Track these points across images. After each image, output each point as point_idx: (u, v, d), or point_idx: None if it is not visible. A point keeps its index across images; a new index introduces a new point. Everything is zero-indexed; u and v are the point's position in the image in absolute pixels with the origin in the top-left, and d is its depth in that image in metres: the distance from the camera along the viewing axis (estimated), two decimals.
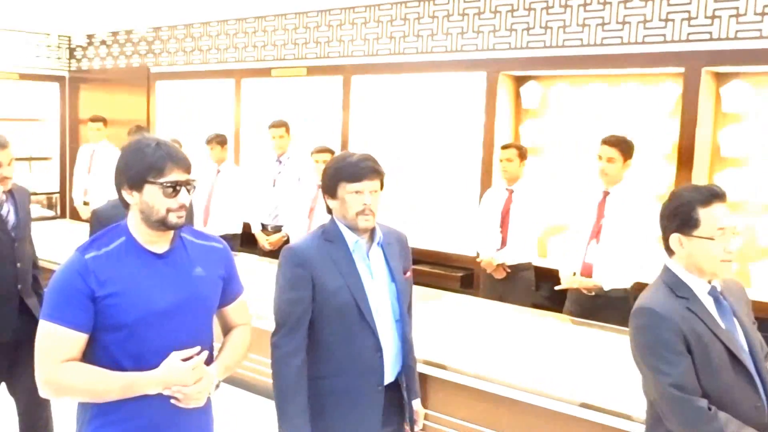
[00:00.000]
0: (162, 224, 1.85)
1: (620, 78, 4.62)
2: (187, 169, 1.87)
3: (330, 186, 2.20)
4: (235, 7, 6.06)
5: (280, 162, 5.48)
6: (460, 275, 4.95)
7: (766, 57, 3.93)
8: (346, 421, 2.19)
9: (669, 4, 4.26)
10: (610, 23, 4.47)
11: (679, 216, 1.93)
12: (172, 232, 1.91)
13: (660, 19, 4.30)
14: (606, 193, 3.81)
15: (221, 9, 6.20)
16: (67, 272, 1.82)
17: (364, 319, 2.15)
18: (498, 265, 4.37)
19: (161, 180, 1.82)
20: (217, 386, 1.98)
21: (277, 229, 5.44)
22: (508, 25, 4.92)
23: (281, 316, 2.18)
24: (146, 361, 1.82)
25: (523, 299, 4.22)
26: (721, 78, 4.26)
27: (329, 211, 2.26)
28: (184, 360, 1.85)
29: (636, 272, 3.68)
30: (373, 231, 2.24)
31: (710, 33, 4.12)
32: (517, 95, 5.04)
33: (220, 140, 5.63)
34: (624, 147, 3.75)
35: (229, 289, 2.06)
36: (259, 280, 3.57)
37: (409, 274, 2.32)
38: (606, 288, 3.71)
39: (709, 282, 1.95)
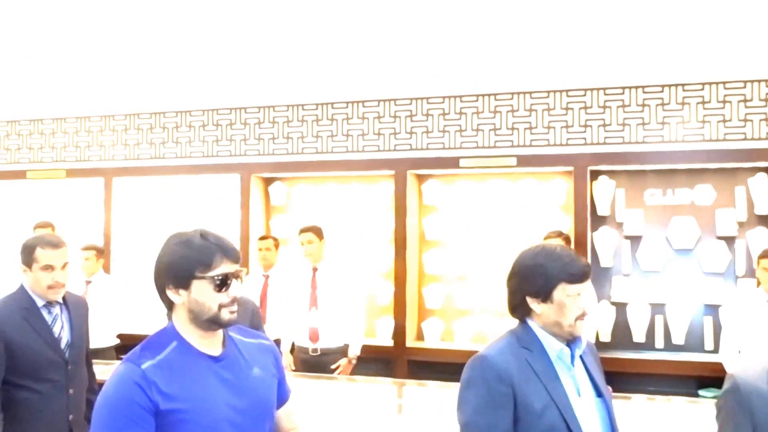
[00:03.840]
0: (214, 322, 1.66)
1: (348, 178, 5.71)
2: (237, 259, 1.69)
3: (543, 287, 1.82)
4: None
5: None
6: None
7: (450, 163, 5.28)
8: None
9: (380, 122, 5.48)
10: (338, 135, 5.57)
11: None
12: (222, 331, 1.72)
13: (374, 133, 5.49)
14: (315, 269, 4.76)
15: None
16: (123, 386, 1.56)
17: None
18: None
19: (210, 274, 1.64)
20: None
21: None
22: (257, 134, 5.80)
23: None
24: None
25: None
26: (421, 178, 5.54)
27: (522, 314, 1.88)
28: None
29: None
30: (574, 338, 1.86)
31: (410, 145, 5.39)
32: (267, 194, 5.89)
33: None
34: (316, 230, 4.78)
35: (281, 389, 1.83)
36: None
37: (609, 389, 1.97)
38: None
39: None
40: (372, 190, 5.64)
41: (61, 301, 2.69)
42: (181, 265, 1.64)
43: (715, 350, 4.54)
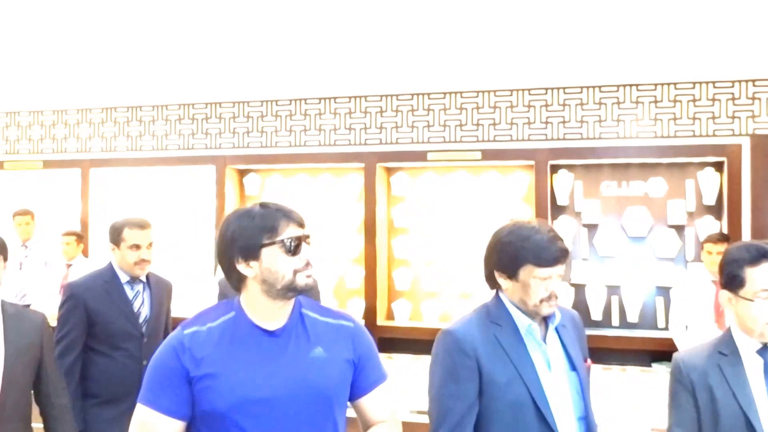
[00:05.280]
0: (290, 289, 1.59)
1: (318, 170, 5.91)
2: (301, 223, 1.63)
3: (508, 266, 1.81)
4: None
5: (26, 247, 5.75)
6: None
7: (418, 157, 5.51)
8: None
9: (351, 117, 5.70)
10: (310, 129, 5.78)
11: (726, 274, 1.84)
12: (291, 304, 1.65)
13: (345, 128, 5.71)
14: None
15: None
16: (164, 348, 1.60)
17: (542, 419, 1.75)
18: None
19: (279, 238, 1.58)
20: None
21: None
22: (232, 128, 5.98)
23: (440, 414, 1.79)
24: None
25: None
26: (390, 170, 5.76)
27: (494, 285, 1.89)
28: None
29: None
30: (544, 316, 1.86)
31: (380, 139, 5.62)
32: (241, 185, 6.06)
33: None
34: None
35: (362, 376, 1.70)
36: None
37: (588, 362, 1.94)
38: None
39: (764, 344, 1.80)
40: (342, 182, 5.85)
41: (144, 280, 2.95)
42: (247, 236, 1.58)
43: (667, 327, 4.80)
